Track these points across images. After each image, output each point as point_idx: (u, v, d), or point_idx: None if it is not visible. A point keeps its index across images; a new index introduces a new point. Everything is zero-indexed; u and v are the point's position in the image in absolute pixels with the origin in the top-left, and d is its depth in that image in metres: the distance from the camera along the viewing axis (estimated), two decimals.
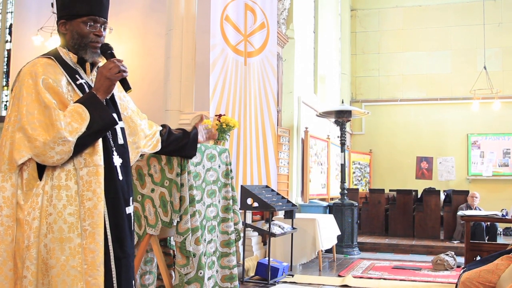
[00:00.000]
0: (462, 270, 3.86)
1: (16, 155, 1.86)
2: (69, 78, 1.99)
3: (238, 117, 6.47)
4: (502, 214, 5.40)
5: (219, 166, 3.99)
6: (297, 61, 9.17)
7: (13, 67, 10.07)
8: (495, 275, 3.42)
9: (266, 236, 6.41)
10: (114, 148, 2.04)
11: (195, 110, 6.78)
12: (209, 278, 3.72)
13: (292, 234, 6.47)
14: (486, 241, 8.07)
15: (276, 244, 6.74)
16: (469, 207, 9.00)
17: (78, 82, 2.02)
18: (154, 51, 8.40)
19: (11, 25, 10.94)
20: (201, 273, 3.41)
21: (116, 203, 1.98)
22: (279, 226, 6.20)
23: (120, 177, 2.03)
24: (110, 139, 2.04)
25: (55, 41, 8.80)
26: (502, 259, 3.58)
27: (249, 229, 6.34)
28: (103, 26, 2.14)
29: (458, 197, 9.79)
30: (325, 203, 9.20)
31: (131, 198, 2.12)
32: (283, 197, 6.55)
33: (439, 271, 6.78)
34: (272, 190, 6.54)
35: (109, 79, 1.97)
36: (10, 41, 10.72)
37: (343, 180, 8.80)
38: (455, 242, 9.14)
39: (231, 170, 4.13)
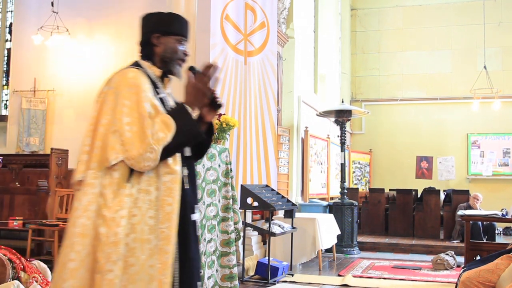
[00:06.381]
0: (462, 269, 3.86)
1: (111, 155, 1.94)
2: (153, 91, 2.10)
3: (238, 116, 6.46)
4: (502, 213, 5.39)
5: (219, 166, 3.99)
6: (297, 61, 9.16)
7: (13, 66, 10.06)
8: (495, 275, 3.42)
9: (266, 236, 6.41)
10: (181, 160, 2.14)
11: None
12: (209, 277, 3.72)
13: (292, 233, 6.47)
14: (485, 241, 8.07)
15: (276, 244, 6.74)
16: (469, 208, 8.95)
17: (159, 96, 2.12)
18: None
19: (11, 24, 10.93)
20: (201, 272, 3.41)
21: (183, 209, 2.08)
22: (279, 226, 6.20)
23: (186, 186, 2.14)
24: None
25: (55, 40, 8.80)
26: (502, 259, 3.58)
27: (249, 228, 6.33)
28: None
29: (458, 197, 9.79)
30: (325, 203, 9.20)
31: (196, 205, 2.24)
32: (283, 197, 6.55)
33: (439, 270, 6.78)
34: (272, 190, 6.54)
35: (204, 95, 2.10)
36: (10, 40, 10.71)
37: (343, 180, 8.79)
38: (455, 241, 9.14)
39: (231, 170, 4.13)
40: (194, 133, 2.06)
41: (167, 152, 1.97)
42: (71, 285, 1.86)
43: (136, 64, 2.17)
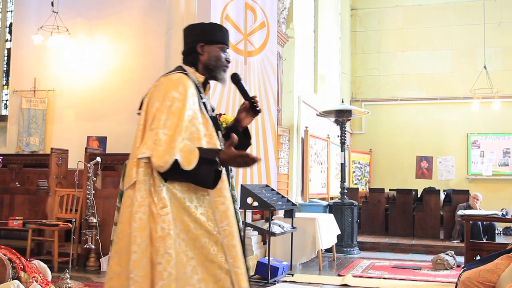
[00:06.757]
0: (462, 269, 3.86)
1: (141, 150, 2.06)
2: (198, 95, 2.22)
3: None
4: (502, 213, 5.39)
5: None
6: (297, 61, 9.16)
7: (13, 66, 10.06)
8: (495, 275, 3.42)
9: (266, 236, 6.42)
10: None
11: None
12: None
13: (292, 233, 6.47)
14: (485, 241, 8.06)
15: (276, 244, 6.74)
16: (469, 208, 8.94)
17: (202, 101, 2.26)
18: (154, 50, 8.40)
19: (11, 24, 10.93)
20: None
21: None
22: (279, 226, 6.20)
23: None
24: None
25: (55, 40, 8.80)
26: (502, 259, 3.58)
27: (249, 228, 6.34)
28: None
29: (458, 197, 9.79)
30: (325, 203, 9.20)
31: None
32: (283, 196, 6.55)
33: (439, 270, 6.78)
34: (272, 190, 6.54)
35: (240, 166, 2.22)
36: (10, 40, 10.71)
37: (343, 180, 8.79)
38: (455, 241, 9.14)
39: (231, 169, 4.12)
40: (201, 185, 2.13)
41: (172, 174, 2.04)
42: (136, 275, 2.01)
43: (181, 69, 2.27)
